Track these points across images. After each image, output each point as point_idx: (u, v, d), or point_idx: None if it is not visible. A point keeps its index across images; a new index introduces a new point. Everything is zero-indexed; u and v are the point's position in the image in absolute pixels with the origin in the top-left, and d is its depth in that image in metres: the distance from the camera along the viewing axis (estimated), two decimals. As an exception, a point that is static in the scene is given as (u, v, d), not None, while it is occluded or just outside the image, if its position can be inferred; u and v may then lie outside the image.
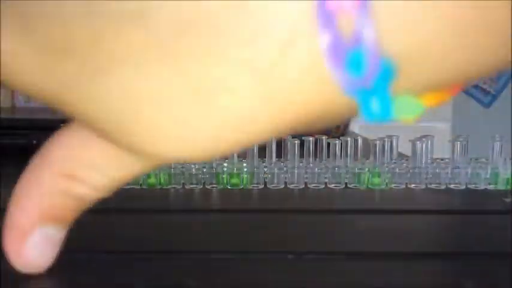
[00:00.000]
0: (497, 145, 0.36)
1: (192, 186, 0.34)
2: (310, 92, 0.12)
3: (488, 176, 0.35)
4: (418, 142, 0.36)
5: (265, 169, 0.35)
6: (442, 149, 0.42)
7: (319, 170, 0.35)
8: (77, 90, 0.14)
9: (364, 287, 0.18)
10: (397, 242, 0.23)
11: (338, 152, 0.36)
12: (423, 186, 0.35)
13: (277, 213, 0.28)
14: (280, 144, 0.36)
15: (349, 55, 0.11)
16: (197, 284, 0.18)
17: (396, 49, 0.11)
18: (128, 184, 0.34)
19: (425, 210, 0.30)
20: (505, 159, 0.36)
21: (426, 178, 0.35)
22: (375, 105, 0.11)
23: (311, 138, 0.36)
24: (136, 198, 0.31)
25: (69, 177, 0.18)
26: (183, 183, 0.34)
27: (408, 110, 0.12)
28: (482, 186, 0.35)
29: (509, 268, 0.19)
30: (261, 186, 0.35)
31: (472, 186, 0.35)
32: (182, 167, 0.34)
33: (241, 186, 0.34)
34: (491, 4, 0.11)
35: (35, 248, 0.18)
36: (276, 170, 0.35)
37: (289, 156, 0.36)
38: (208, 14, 0.12)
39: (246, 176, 0.35)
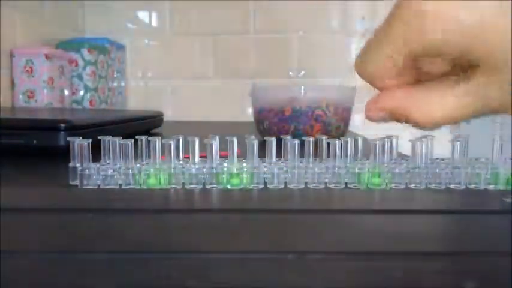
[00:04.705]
0: (497, 145, 0.36)
1: (192, 186, 0.34)
2: None
3: (488, 176, 0.35)
4: (418, 142, 0.36)
5: (265, 169, 0.35)
6: (442, 149, 0.42)
7: (319, 170, 0.35)
8: None
9: (364, 287, 0.18)
10: (397, 242, 0.23)
11: (338, 152, 0.36)
12: (423, 186, 0.35)
13: (277, 213, 0.28)
14: (280, 144, 0.36)
15: None
16: (197, 284, 0.18)
17: None
18: (128, 184, 0.34)
19: (425, 210, 0.30)
20: (505, 159, 0.36)
21: (426, 178, 0.35)
22: None
23: (311, 139, 0.36)
24: (136, 198, 0.31)
25: None
26: (183, 184, 0.34)
27: None
28: (482, 186, 0.35)
29: (510, 268, 0.19)
30: (261, 186, 0.35)
31: (472, 186, 0.35)
32: (183, 167, 0.34)
33: (241, 186, 0.34)
34: None
35: None
36: (276, 170, 0.35)
37: (289, 156, 0.36)
38: None
39: (246, 176, 0.35)
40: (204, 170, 0.34)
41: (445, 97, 0.23)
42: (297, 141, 0.36)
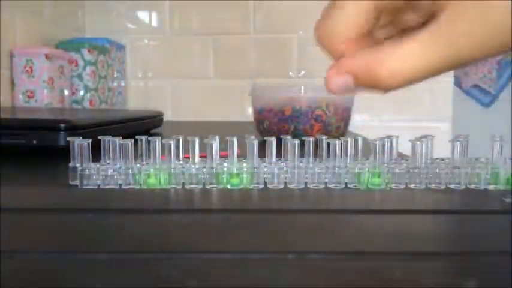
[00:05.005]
0: (496, 145, 0.36)
1: (192, 186, 0.34)
2: None
3: (488, 176, 0.35)
4: (418, 142, 0.36)
5: (265, 169, 0.35)
6: (442, 149, 0.42)
7: (319, 170, 0.35)
8: None
9: (364, 287, 0.18)
10: (397, 242, 0.23)
11: (338, 152, 0.36)
12: (423, 186, 0.35)
13: (277, 213, 0.28)
14: (280, 144, 0.36)
15: None
16: (197, 284, 0.18)
17: None
18: (128, 184, 0.34)
19: (425, 210, 0.30)
20: (505, 159, 0.36)
21: (426, 178, 0.35)
22: None
23: (311, 139, 0.36)
24: (136, 198, 0.31)
25: None
26: (183, 184, 0.34)
27: None
28: (482, 186, 0.35)
29: (510, 268, 0.19)
30: (261, 186, 0.35)
31: (472, 186, 0.35)
32: (183, 167, 0.34)
33: (241, 186, 0.34)
34: None
35: None
36: (276, 170, 0.35)
37: (289, 156, 0.36)
38: None
39: (246, 176, 0.34)
40: (204, 170, 0.34)
41: (409, 48, 0.21)
42: (297, 141, 0.36)
